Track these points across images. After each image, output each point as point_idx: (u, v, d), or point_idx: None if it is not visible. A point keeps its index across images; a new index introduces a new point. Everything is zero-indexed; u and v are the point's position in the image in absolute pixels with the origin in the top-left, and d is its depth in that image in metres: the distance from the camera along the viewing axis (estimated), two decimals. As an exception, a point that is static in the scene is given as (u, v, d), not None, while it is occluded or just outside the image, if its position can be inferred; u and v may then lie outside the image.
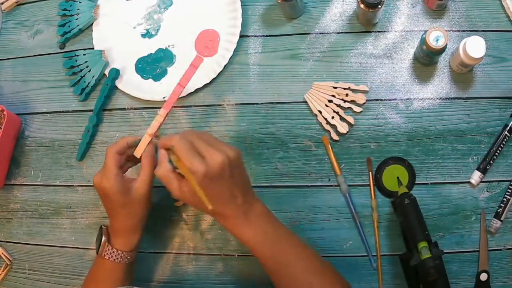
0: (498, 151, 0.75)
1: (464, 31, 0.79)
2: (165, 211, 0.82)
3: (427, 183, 0.76)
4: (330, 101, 0.79)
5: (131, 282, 0.72)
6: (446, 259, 0.71)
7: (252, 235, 0.63)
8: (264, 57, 0.84)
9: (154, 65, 0.87)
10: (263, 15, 0.85)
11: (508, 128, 0.75)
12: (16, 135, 0.89)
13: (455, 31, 0.79)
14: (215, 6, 0.86)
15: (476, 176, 0.75)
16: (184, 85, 0.70)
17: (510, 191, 0.74)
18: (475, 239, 0.74)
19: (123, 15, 0.89)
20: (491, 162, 0.75)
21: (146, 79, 0.86)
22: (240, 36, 0.83)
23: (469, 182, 0.75)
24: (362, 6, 0.75)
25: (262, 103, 0.82)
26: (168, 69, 0.86)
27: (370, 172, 0.77)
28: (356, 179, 0.78)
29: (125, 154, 0.70)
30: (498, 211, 0.74)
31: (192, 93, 0.83)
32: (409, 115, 0.78)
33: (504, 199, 0.74)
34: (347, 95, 0.79)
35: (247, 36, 0.84)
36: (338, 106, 0.79)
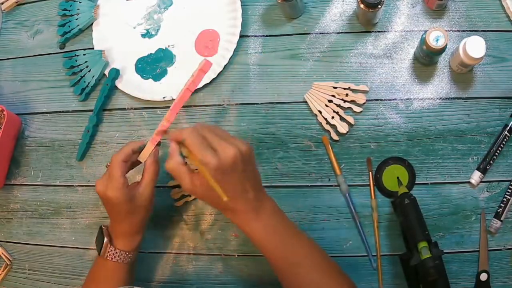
0: (498, 151, 0.75)
1: (464, 31, 0.79)
2: (165, 211, 0.82)
3: (427, 183, 0.76)
4: (330, 101, 0.79)
5: (132, 282, 0.72)
6: (446, 259, 0.71)
7: (261, 232, 0.62)
8: (264, 57, 0.84)
9: (154, 65, 0.87)
10: (263, 15, 0.85)
11: (508, 128, 0.75)
12: (16, 135, 0.89)
13: (455, 31, 0.79)
14: (215, 6, 0.86)
15: (476, 176, 0.75)
16: (192, 89, 0.68)
17: (510, 191, 0.74)
18: (475, 239, 0.74)
19: (123, 15, 0.89)
20: (491, 162, 0.75)
21: (146, 79, 0.86)
22: (240, 36, 0.83)
23: (469, 182, 0.75)
24: (362, 6, 0.75)
25: (262, 103, 0.82)
26: (168, 69, 0.86)
27: (370, 172, 0.77)
28: (356, 179, 0.78)
29: (129, 162, 0.69)
30: (498, 211, 0.74)
31: (192, 93, 0.82)
32: (409, 115, 0.78)
33: (504, 199, 0.74)
34: (347, 95, 0.79)
35: (247, 36, 0.84)
36: (338, 106, 0.79)
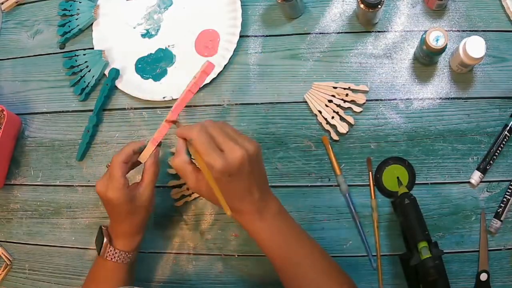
0: (498, 151, 0.75)
1: (464, 31, 0.79)
2: (165, 211, 0.82)
3: (427, 183, 0.76)
4: (330, 101, 0.79)
5: (132, 282, 0.72)
6: (446, 259, 0.71)
7: (266, 233, 0.62)
8: (264, 57, 0.84)
9: (154, 65, 0.87)
10: (263, 15, 0.85)
11: (508, 128, 0.75)
12: (16, 135, 0.89)
13: (455, 31, 0.79)
14: (215, 6, 0.86)
15: (476, 176, 0.75)
16: (194, 91, 0.68)
17: (510, 191, 0.74)
18: (475, 239, 0.74)
19: (123, 15, 0.89)
20: (491, 162, 0.75)
21: (146, 79, 0.86)
22: (240, 36, 0.83)
23: (469, 182, 0.75)
24: (362, 6, 0.75)
25: (262, 103, 0.82)
26: (168, 69, 0.86)
27: (370, 172, 0.77)
28: (356, 179, 0.78)
29: (130, 163, 0.68)
30: (498, 211, 0.74)
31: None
32: (409, 115, 0.78)
33: (504, 199, 0.74)
34: (347, 95, 0.79)
35: (247, 36, 0.84)
36: (338, 106, 0.79)
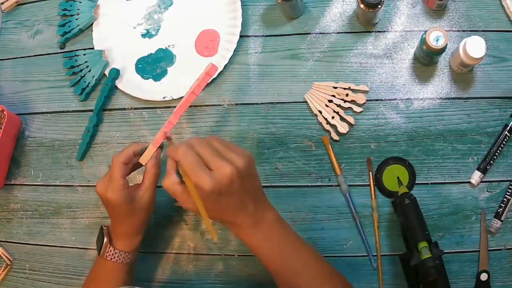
0: (498, 151, 0.75)
1: (464, 31, 0.79)
2: (165, 211, 0.82)
3: (427, 183, 0.76)
4: (330, 101, 0.79)
5: (132, 282, 0.72)
6: (446, 259, 0.71)
7: (263, 245, 0.61)
8: (264, 57, 0.84)
9: (154, 65, 0.87)
10: (263, 15, 0.85)
11: (508, 128, 0.75)
12: (16, 135, 0.89)
13: (455, 31, 0.79)
14: (215, 6, 0.86)
15: (476, 176, 0.75)
16: (197, 93, 0.68)
17: (510, 191, 0.74)
18: (475, 239, 0.74)
19: (123, 15, 0.89)
20: (491, 162, 0.75)
21: (146, 79, 0.86)
22: (240, 36, 0.83)
23: (469, 182, 0.75)
24: (362, 6, 0.75)
25: (262, 103, 0.82)
26: (168, 69, 0.86)
27: (370, 172, 0.77)
28: (356, 179, 0.78)
29: (130, 164, 0.68)
30: (498, 211, 0.74)
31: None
32: (409, 115, 0.78)
33: (504, 199, 0.74)
34: (347, 95, 0.79)
35: (247, 36, 0.84)
36: (338, 106, 0.79)
